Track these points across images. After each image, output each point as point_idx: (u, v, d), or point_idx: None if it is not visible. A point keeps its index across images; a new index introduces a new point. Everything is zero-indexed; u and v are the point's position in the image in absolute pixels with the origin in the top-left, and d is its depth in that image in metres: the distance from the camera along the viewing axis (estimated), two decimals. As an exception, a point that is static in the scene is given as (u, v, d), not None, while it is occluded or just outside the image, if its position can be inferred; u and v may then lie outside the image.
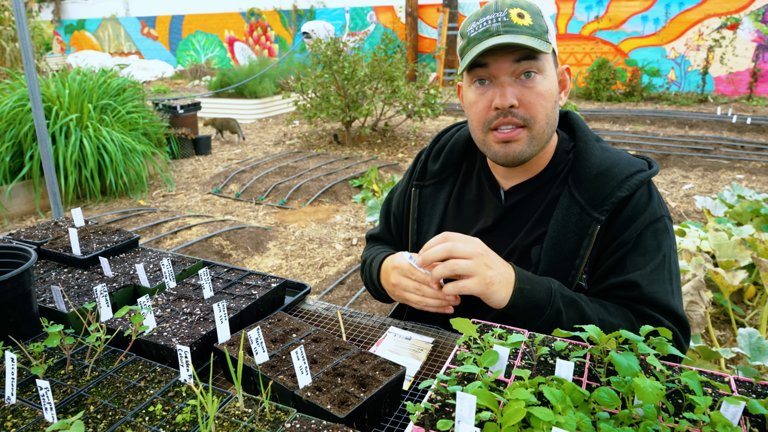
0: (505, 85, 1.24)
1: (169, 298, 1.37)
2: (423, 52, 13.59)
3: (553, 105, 1.28)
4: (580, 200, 1.29)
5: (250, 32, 15.81)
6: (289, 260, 4.56)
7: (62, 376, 1.06)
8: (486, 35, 1.23)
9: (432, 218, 1.50)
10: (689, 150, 7.30)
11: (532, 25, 1.23)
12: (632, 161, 1.33)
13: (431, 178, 1.53)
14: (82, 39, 18.69)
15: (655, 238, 1.29)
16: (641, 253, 1.28)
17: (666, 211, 1.33)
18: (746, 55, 10.50)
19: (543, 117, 1.27)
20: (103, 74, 6.63)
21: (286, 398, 1.03)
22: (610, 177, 1.29)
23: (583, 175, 1.31)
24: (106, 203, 5.95)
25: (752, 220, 4.31)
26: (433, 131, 8.97)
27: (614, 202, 1.27)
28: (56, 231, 1.76)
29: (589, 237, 1.27)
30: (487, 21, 1.24)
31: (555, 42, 1.30)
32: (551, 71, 1.28)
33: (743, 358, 2.98)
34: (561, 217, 1.31)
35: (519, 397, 0.85)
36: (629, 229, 1.28)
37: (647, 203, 1.29)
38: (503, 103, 1.24)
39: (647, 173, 1.30)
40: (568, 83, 1.37)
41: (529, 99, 1.25)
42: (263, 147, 8.35)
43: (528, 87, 1.24)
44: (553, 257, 1.31)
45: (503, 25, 1.22)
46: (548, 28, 1.26)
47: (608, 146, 1.38)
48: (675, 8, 10.94)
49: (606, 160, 1.31)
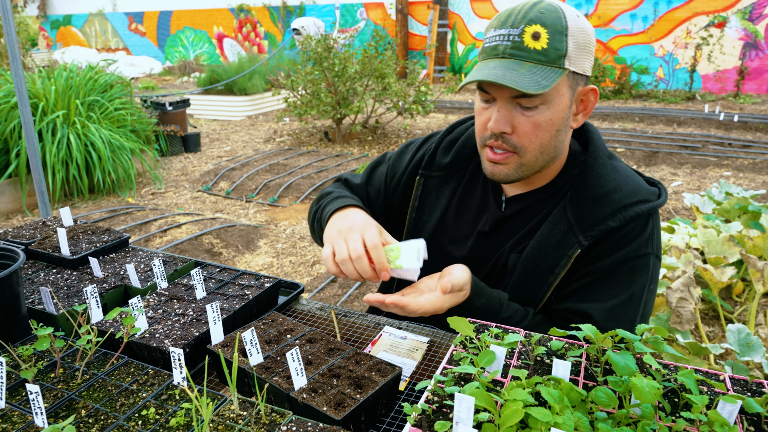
0: (502, 110, 1.21)
1: (160, 299, 1.35)
2: (413, 49, 13.58)
3: (552, 134, 1.23)
4: (570, 218, 1.26)
5: (240, 28, 15.70)
6: (281, 258, 4.54)
7: (52, 380, 1.04)
8: (493, 54, 1.19)
9: (433, 211, 1.47)
10: (678, 147, 7.36)
11: (546, 49, 1.15)
12: (637, 189, 1.26)
13: (439, 170, 1.48)
14: (68, 35, 18.45)
15: (630, 274, 1.25)
16: (609, 286, 1.25)
17: (655, 249, 1.27)
18: (733, 53, 10.59)
19: (536, 147, 1.23)
20: (91, 70, 6.54)
21: (281, 400, 1.02)
22: (608, 202, 1.24)
23: (582, 194, 1.27)
24: (94, 201, 5.88)
25: (740, 216, 4.36)
26: (424, 128, 8.96)
27: (602, 230, 1.23)
28: (44, 231, 1.73)
29: (568, 258, 1.25)
30: (500, 36, 1.18)
31: (583, 62, 1.20)
32: (561, 97, 1.20)
33: (732, 354, 3.01)
34: (547, 231, 1.28)
35: (517, 398, 0.85)
36: (605, 260, 1.24)
37: (635, 237, 1.24)
38: (495, 129, 1.22)
39: (649, 206, 1.24)
40: (591, 105, 1.28)
41: (525, 129, 1.21)
42: (253, 144, 8.30)
43: (526, 116, 1.20)
44: (530, 269, 1.29)
45: (512, 46, 1.16)
46: (566, 50, 1.16)
47: (620, 165, 1.31)
48: (663, 6, 11.01)
49: (610, 182, 1.26)
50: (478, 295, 1.24)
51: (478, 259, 1.40)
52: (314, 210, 1.51)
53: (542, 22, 1.15)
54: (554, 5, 1.18)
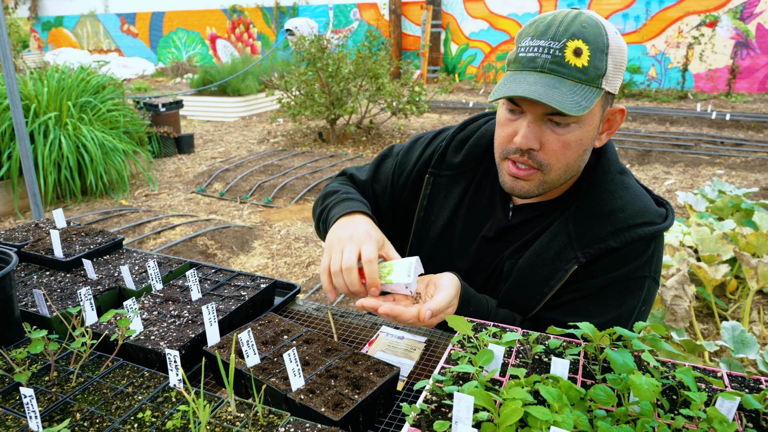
0: (532, 126, 1.15)
1: (155, 301, 1.34)
2: (407, 49, 13.58)
3: (579, 154, 1.19)
4: (571, 232, 1.23)
5: (233, 29, 15.65)
6: (275, 259, 4.52)
7: (46, 383, 1.03)
8: (531, 66, 1.12)
9: (442, 211, 1.43)
10: (670, 146, 7.40)
11: (586, 67, 1.10)
12: (644, 209, 1.22)
13: (449, 170, 1.43)
14: (60, 36, 18.34)
15: (623, 293, 1.22)
16: (599, 303, 1.23)
17: (653, 273, 1.24)
18: (725, 52, 10.67)
19: (562, 165, 1.19)
20: (83, 71, 6.50)
21: (278, 401, 1.01)
22: (611, 221, 1.21)
23: (587, 209, 1.24)
24: (86, 203, 5.85)
25: (733, 214, 4.38)
26: (418, 128, 8.96)
27: (602, 248, 1.20)
28: (37, 233, 1.72)
29: (564, 272, 1.23)
30: (539, 47, 1.11)
31: (616, 81, 1.15)
32: (593, 116, 1.16)
33: (727, 351, 3.02)
34: (546, 241, 1.26)
35: (516, 397, 0.85)
36: (600, 278, 1.23)
37: (634, 259, 1.21)
38: (523, 145, 1.16)
39: (653, 229, 1.20)
40: (617, 125, 1.25)
41: (553, 147, 1.16)
42: (247, 145, 8.28)
43: (557, 133, 1.15)
44: (525, 277, 1.27)
45: (552, 60, 1.10)
46: (605, 70, 1.11)
47: (631, 183, 1.27)
48: (655, 6, 11.07)
49: (617, 200, 1.22)
50: (466, 304, 1.22)
51: (480, 264, 1.39)
52: (320, 209, 1.46)
53: (585, 38, 1.09)
54: (596, 20, 1.13)
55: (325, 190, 1.50)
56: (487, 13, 12.71)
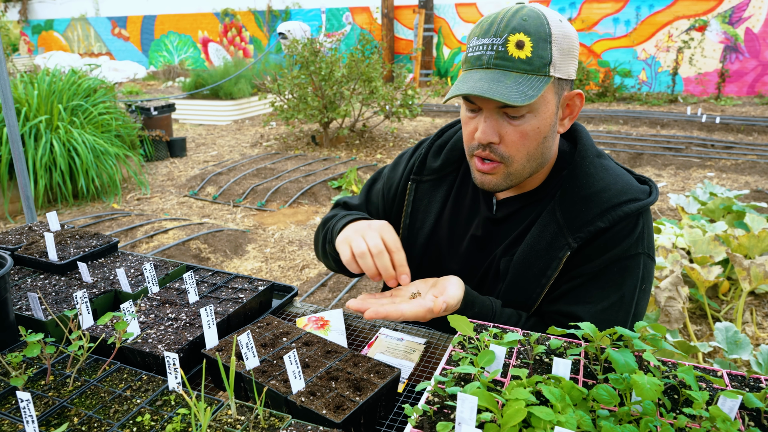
0: (488, 120, 1.19)
1: (152, 304, 1.32)
2: (399, 53, 13.62)
3: (539, 142, 1.22)
4: (559, 219, 1.25)
5: (225, 33, 15.62)
6: (269, 263, 4.50)
7: (43, 387, 1.02)
8: (477, 64, 1.17)
9: (427, 216, 1.46)
10: (662, 149, 7.45)
11: (530, 58, 1.13)
12: (627, 188, 1.25)
13: (430, 174, 1.47)
14: (50, 39, 18.22)
15: (621, 274, 1.24)
16: (599, 287, 1.24)
17: (647, 249, 1.26)
18: (714, 56, 10.78)
19: (523, 155, 1.22)
20: (74, 75, 6.46)
21: (279, 404, 1.00)
22: (596, 202, 1.23)
23: (570, 195, 1.26)
24: (78, 207, 5.80)
25: (724, 216, 4.42)
26: (411, 132, 8.98)
27: (591, 231, 1.22)
28: (31, 236, 1.70)
29: (558, 260, 1.24)
30: (483, 45, 1.16)
31: (568, 67, 1.18)
32: (547, 105, 1.19)
33: (720, 352, 3.04)
34: (537, 233, 1.27)
35: (519, 397, 0.84)
36: (595, 261, 1.24)
37: (625, 237, 1.23)
38: (483, 140, 1.20)
39: (639, 204, 1.22)
40: (577, 109, 1.27)
41: (512, 138, 1.20)
42: (240, 149, 8.25)
43: (513, 125, 1.19)
44: (521, 272, 1.28)
45: (496, 55, 1.14)
46: (551, 58, 1.14)
47: (610, 164, 1.30)
48: (645, 10, 11.17)
49: (598, 182, 1.25)
50: (470, 306, 1.23)
51: (472, 264, 1.40)
52: (322, 234, 1.48)
53: (525, 30, 1.13)
54: (536, 11, 1.16)
55: (323, 219, 1.52)
56: (479, 17, 12.77)
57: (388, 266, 1.18)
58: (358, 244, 1.20)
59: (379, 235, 1.21)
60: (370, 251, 1.18)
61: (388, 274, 1.18)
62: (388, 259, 1.18)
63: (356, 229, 1.25)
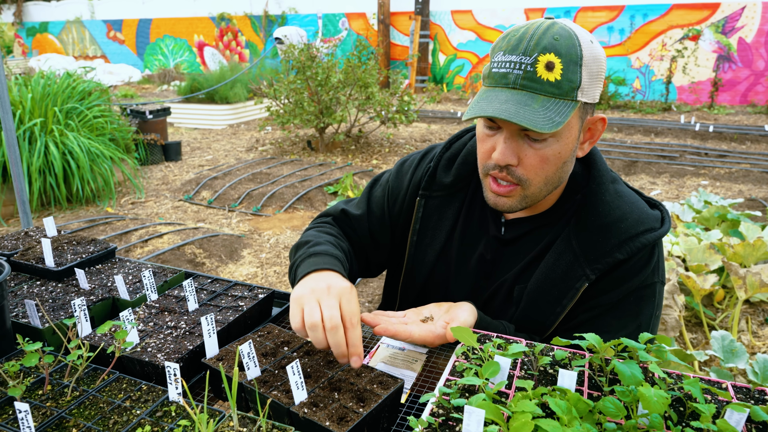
0: (508, 142, 1.14)
1: (151, 312, 1.31)
2: (395, 59, 13.66)
3: (558, 166, 1.18)
4: (575, 248, 1.23)
5: (221, 37, 15.62)
6: (265, 268, 4.48)
7: (40, 397, 1.00)
8: (503, 83, 1.11)
9: (437, 233, 1.40)
10: (656, 157, 7.50)
11: (559, 81, 1.08)
12: (643, 217, 1.23)
13: (440, 190, 1.40)
14: (45, 42, 18.15)
15: (638, 304, 1.23)
16: (617, 317, 1.24)
17: (660, 277, 1.25)
18: (707, 65, 10.88)
19: (542, 179, 1.18)
20: (69, 77, 6.43)
21: (281, 415, 0.99)
22: (614, 233, 1.21)
23: (586, 223, 1.23)
24: (71, 211, 5.76)
25: (719, 225, 4.44)
26: (407, 138, 8.99)
27: (609, 262, 1.20)
28: (27, 241, 1.68)
29: (575, 290, 1.23)
30: (511, 63, 1.10)
31: (594, 91, 1.14)
32: (571, 129, 1.15)
33: (716, 360, 3.04)
34: (552, 261, 1.25)
35: (525, 410, 0.84)
36: (613, 292, 1.23)
37: (642, 268, 1.22)
38: (501, 161, 1.16)
39: (655, 235, 1.21)
40: (598, 134, 1.23)
41: (531, 162, 1.15)
42: (235, 153, 8.23)
43: (534, 148, 1.14)
44: (536, 300, 1.27)
45: (524, 75, 1.08)
46: (580, 82, 1.09)
47: (624, 190, 1.27)
48: (639, 19, 11.26)
49: (615, 210, 1.22)
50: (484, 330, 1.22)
51: (479, 285, 1.38)
52: (291, 262, 1.34)
53: (557, 51, 1.07)
54: (568, 30, 1.10)
55: (297, 243, 1.39)
56: (474, 24, 12.84)
57: (341, 343, 1.04)
58: (310, 311, 1.06)
59: (338, 304, 1.08)
60: (323, 323, 1.05)
61: (339, 351, 1.05)
62: (342, 336, 1.04)
63: (313, 289, 1.11)
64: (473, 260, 1.38)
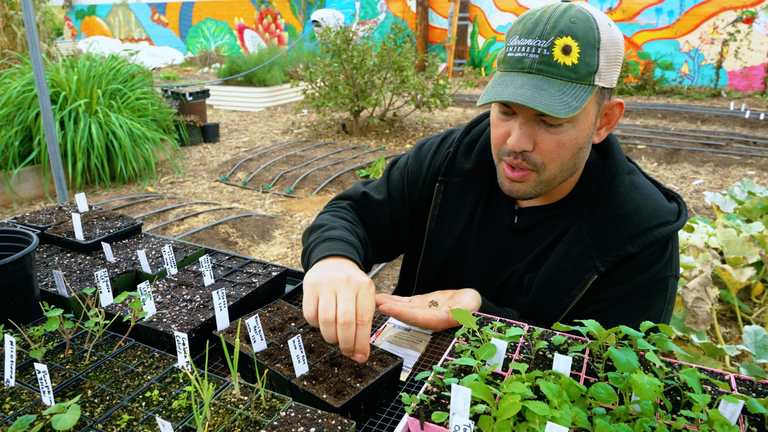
0: (524, 127, 1.13)
1: (169, 285, 1.37)
2: (433, 42, 13.50)
3: (574, 152, 1.16)
4: (587, 239, 1.21)
5: (260, 20, 15.76)
6: (295, 249, 4.57)
7: (61, 360, 1.07)
8: (518, 67, 1.09)
9: (456, 219, 1.38)
10: (700, 145, 7.22)
11: (576, 65, 1.06)
12: (658, 210, 1.20)
13: (459, 177, 1.38)
14: (92, 24, 18.71)
15: (648, 297, 1.22)
16: (626, 310, 1.22)
17: (674, 271, 1.23)
18: (761, 49, 10.33)
19: (557, 165, 1.17)
20: (113, 60, 6.64)
21: (282, 387, 1.03)
22: (627, 225, 1.19)
23: (600, 215, 1.21)
24: (114, 189, 5.98)
25: (762, 217, 4.26)
26: (442, 122, 8.92)
27: (620, 255, 1.18)
28: (60, 216, 1.77)
29: (585, 282, 1.22)
30: (526, 47, 1.08)
31: (612, 75, 1.11)
32: (587, 114, 1.13)
33: (748, 356, 2.95)
34: (563, 251, 1.24)
35: (515, 391, 0.85)
36: (623, 284, 1.21)
37: (654, 262, 1.20)
38: (516, 147, 1.14)
39: (669, 228, 1.18)
40: (615, 119, 1.21)
41: (547, 147, 1.14)
42: (271, 135, 8.35)
43: (550, 133, 1.12)
44: (545, 290, 1.26)
45: (540, 59, 1.06)
46: (597, 66, 1.07)
47: (640, 181, 1.24)
48: (690, 1, 10.77)
49: (629, 203, 1.20)
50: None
51: (492, 272, 1.38)
52: (305, 245, 1.32)
53: (574, 34, 1.05)
54: (586, 13, 1.08)
55: (312, 225, 1.37)
56: (515, 6, 12.54)
57: (350, 340, 1.01)
58: (326, 305, 1.03)
59: (354, 297, 1.04)
60: (336, 319, 1.02)
61: (347, 347, 1.03)
62: (353, 333, 1.01)
63: (332, 278, 1.06)
64: (488, 248, 1.38)
